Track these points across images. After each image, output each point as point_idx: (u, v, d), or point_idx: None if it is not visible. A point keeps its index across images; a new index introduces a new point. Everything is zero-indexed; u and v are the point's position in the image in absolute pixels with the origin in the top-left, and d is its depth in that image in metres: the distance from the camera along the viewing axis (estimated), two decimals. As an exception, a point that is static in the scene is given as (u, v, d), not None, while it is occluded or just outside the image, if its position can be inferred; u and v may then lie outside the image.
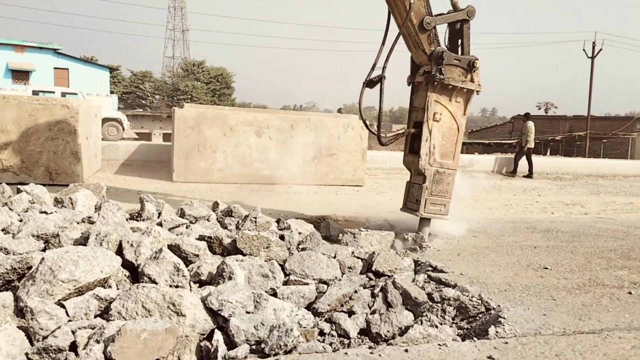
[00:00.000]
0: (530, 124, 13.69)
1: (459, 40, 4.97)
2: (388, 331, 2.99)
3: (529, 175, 13.66)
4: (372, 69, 4.90)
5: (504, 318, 2.84)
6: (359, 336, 3.03)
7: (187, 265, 3.36)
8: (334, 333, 3.00)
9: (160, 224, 4.21)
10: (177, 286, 2.96)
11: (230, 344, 2.50)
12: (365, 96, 4.94)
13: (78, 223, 3.99)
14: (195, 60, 66.01)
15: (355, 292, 3.52)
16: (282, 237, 4.55)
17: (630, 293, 3.43)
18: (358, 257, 4.27)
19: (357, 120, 9.89)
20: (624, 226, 6.15)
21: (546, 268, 4.00)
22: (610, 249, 4.77)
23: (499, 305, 3.07)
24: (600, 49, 33.92)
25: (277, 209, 5.70)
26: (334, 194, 8.37)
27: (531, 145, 13.62)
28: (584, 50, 34.47)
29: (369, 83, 4.90)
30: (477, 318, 3.05)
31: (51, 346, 2.34)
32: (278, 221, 4.54)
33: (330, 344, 2.86)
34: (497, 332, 2.66)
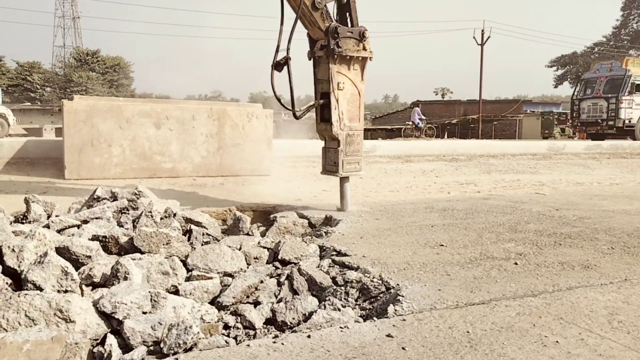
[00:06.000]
0: None
1: (347, 14, 5.43)
2: (293, 318, 2.99)
3: None
4: (277, 51, 5.14)
5: (403, 296, 2.95)
6: (264, 326, 3.01)
7: (78, 268, 3.15)
8: (240, 325, 2.96)
9: (47, 226, 3.91)
10: (66, 291, 2.76)
11: (126, 347, 2.37)
12: (276, 79, 5.19)
13: (-50, 230, 3.59)
14: (89, 50, 62.03)
15: (261, 282, 3.50)
16: (185, 233, 4.41)
17: (516, 264, 3.70)
18: (264, 247, 4.24)
19: (262, 110, 9.79)
20: (511, 202, 6.63)
21: (442, 245, 4.21)
22: (500, 224, 5.12)
23: (398, 284, 3.18)
24: (489, 37, 36.27)
25: (182, 203, 5.51)
26: (240, 185, 8.26)
27: None
28: (474, 37, 36.68)
29: (277, 66, 5.17)
30: (379, 298, 3.14)
31: None
32: (174, 215, 4.38)
33: (236, 337, 2.82)
34: (395, 310, 2.75)
